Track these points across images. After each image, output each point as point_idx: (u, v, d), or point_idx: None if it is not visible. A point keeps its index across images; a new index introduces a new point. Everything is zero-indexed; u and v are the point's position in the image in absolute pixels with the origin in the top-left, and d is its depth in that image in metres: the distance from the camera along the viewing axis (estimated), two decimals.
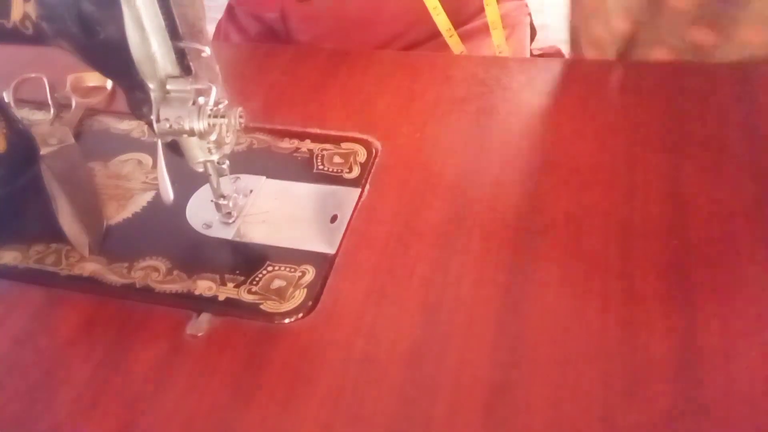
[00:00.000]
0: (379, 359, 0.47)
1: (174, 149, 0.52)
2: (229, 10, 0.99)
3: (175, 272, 0.54)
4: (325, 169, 0.62)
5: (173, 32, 0.47)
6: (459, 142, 0.63)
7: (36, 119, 0.70)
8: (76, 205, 0.57)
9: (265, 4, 0.91)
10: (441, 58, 0.78)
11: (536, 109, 0.66)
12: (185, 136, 0.49)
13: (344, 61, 0.73)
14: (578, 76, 0.71)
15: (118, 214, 0.59)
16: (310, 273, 0.53)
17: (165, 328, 0.51)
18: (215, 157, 0.52)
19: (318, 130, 0.65)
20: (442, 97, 0.68)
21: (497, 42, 0.84)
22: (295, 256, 0.54)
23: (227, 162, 0.54)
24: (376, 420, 0.44)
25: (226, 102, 0.50)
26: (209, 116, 0.48)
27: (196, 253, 0.56)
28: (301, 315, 0.51)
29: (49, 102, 0.71)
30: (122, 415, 0.46)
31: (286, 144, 0.65)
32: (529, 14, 0.93)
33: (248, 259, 0.55)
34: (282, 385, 0.47)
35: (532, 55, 1.01)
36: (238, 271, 0.54)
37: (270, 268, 0.54)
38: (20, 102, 0.72)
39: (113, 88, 0.72)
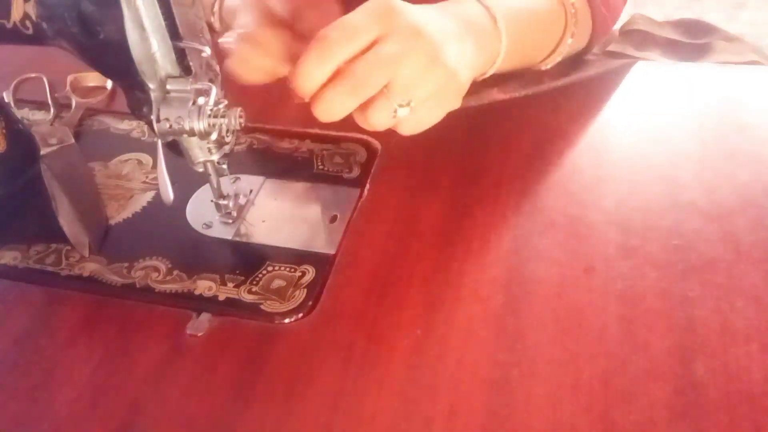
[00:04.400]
0: (379, 359, 0.47)
1: (174, 149, 0.52)
2: None
3: (175, 272, 0.54)
4: (325, 169, 0.62)
5: (173, 32, 0.47)
6: (459, 141, 0.63)
7: (36, 119, 0.70)
8: (76, 205, 0.57)
9: None
10: None
11: (536, 108, 0.66)
12: (185, 136, 0.49)
13: None
14: None
15: (118, 214, 0.59)
16: (310, 273, 0.53)
17: (165, 328, 0.51)
18: (215, 157, 0.52)
19: (318, 130, 0.65)
20: None
21: None
22: (295, 256, 0.54)
23: (227, 162, 0.54)
24: (376, 420, 0.44)
25: (226, 102, 0.50)
26: (209, 116, 0.48)
27: (196, 253, 0.56)
28: (301, 315, 0.51)
29: (49, 102, 0.71)
30: (122, 415, 0.46)
31: (286, 144, 0.65)
32: None
33: (248, 259, 0.55)
34: (282, 385, 0.47)
35: None
36: (238, 271, 0.54)
37: (270, 268, 0.54)
38: (20, 102, 0.72)
39: (113, 88, 0.72)
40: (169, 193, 0.51)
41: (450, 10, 0.53)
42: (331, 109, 0.47)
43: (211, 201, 0.57)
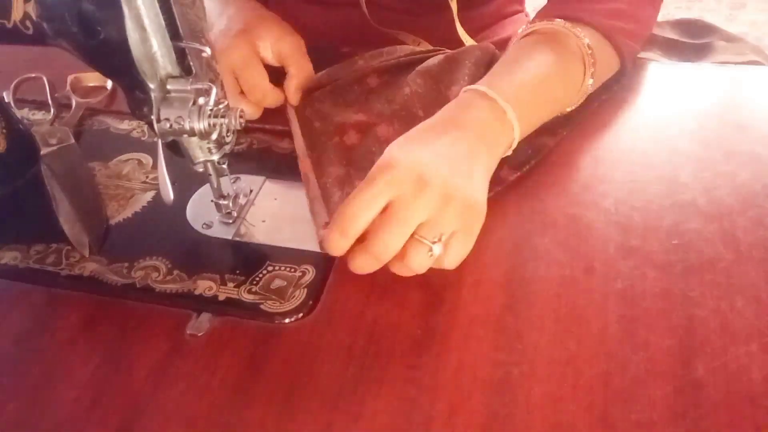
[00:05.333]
0: (379, 359, 0.47)
1: (174, 149, 0.52)
2: None
3: (176, 272, 0.54)
4: None
5: (174, 32, 0.47)
6: None
7: (36, 119, 0.70)
8: (76, 205, 0.57)
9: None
10: None
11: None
12: (185, 136, 0.49)
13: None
14: None
15: (118, 214, 0.59)
16: (310, 273, 0.53)
17: (165, 328, 0.51)
18: (215, 157, 0.52)
19: None
20: None
21: None
22: (295, 256, 0.54)
23: (227, 162, 0.54)
24: (376, 420, 0.44)
25: (227, 102, 0.50)
26: (209, 116, 0.48)
27: (196, 253, 0.56)
28: (301, 315, 0.51)
29: (49, 102, 0.71)
30: (122, 415, 0.46)
31: (286, 144, 0.65)
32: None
33: (248, 259, 0.55)
34: (282, 385, 0.47)
35: None
36: (238, 271, 0.54)
37: (270, 268, 0.54)
38: (20, 102, 0.72)
39: (113, 88, 0.72)
40: (169, 193, 0.51)
41: (457, 121, 0.55)
42: (363, 269, 0.51)
43: (211, 201, 0.57)
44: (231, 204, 0.57)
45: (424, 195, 0.49)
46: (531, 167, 0.59)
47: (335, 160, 0.60)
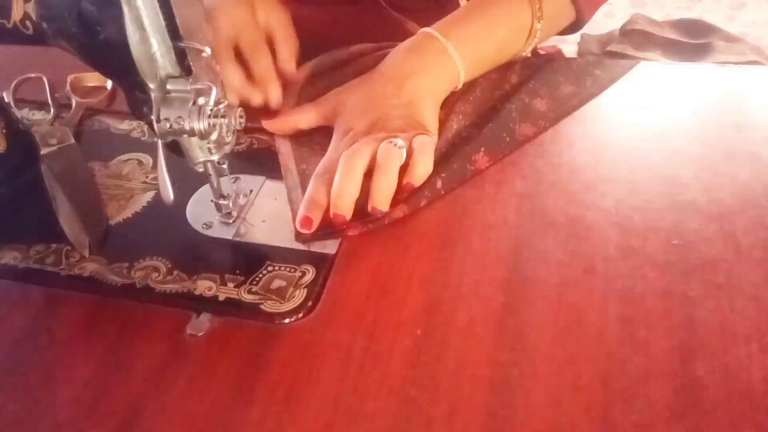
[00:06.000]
0: (379, 359, 0.47)
1: (174, 149, 0.52)
2: None
3: (175, 272, 0.54)
4: None
5: (173, 32, 0.47)
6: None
7: (36, 119, 0.70)
8: (76, 205, 0.57)
9: None
10: None
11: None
12: (185, 136, 0.49)
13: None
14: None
15: (118, 214, 0.59)
16: (310, 273, 0.53)
17: (165, 328, 0.51)
18: (215, 157, 0.52)
19: None
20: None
21: None
22: (295, 256, 0.54)
23: (227, 162, 0.54)
24: (376, 420, 0.44)
25: (227, 102, 0.50)
26: (209, 116, 0.48)
27: (196, 253, 0.56)
28: (301, 315, 0.51)
29: (49, 102, 0.71)
30: (122, 415, 0.46)
31: None
32: None
33: (248, 259, 0.55)
34: (282, 385, 0.47)
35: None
36: (238, 271, 0.54)
37: (270, 268, 0.54)
38: (20, 102, 0.72)
39: (113, 88, 0.72)
40: (169, 193, 0.51)
41: (406, 50, 0.64)
42: (352, 168, 0.55)
43: (211, 201, 0.57)
44: (231, 204, 0.57)
45: (361, 116, 0.58)
46: (532, 167, 0.59)
47: (319, 149, 0.61)
